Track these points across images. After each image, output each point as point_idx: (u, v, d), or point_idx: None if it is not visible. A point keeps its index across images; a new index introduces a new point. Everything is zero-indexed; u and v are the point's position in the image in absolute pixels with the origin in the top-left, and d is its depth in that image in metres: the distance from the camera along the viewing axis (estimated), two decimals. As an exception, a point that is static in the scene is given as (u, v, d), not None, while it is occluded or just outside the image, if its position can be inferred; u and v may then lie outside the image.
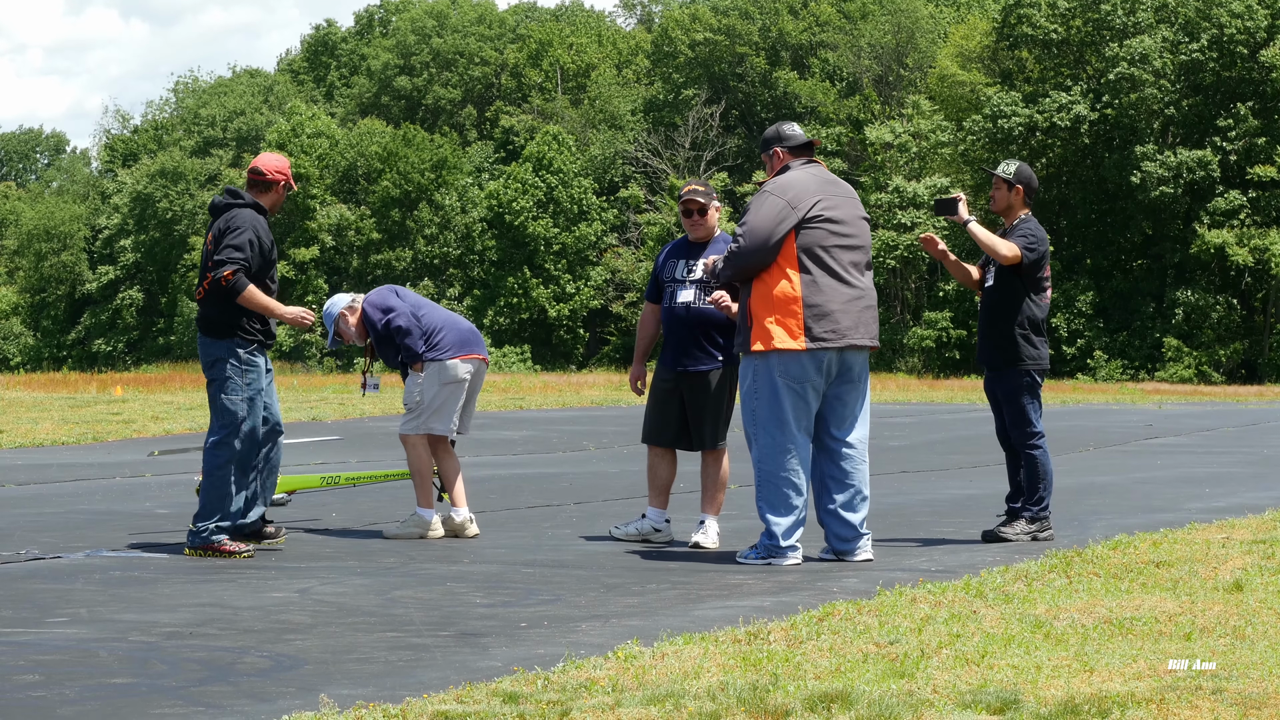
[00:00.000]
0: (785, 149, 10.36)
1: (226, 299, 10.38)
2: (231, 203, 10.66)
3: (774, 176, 10.30)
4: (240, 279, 10.33)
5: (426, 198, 78.47)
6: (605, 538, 11.49)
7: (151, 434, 24.07)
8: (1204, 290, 60.41)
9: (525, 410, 31.23)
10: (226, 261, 10.33)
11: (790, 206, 9.99)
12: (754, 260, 10.00)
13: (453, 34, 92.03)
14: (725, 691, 6.09)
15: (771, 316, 9.94)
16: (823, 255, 10.01)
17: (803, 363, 9.94)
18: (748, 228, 10.03)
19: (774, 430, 9.97)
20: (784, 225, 9.96)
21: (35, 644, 7.47)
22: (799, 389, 9.96)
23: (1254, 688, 6.15)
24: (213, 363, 10.41)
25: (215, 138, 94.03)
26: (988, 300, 11.17)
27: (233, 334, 10.39)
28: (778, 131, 10.44)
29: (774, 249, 9.96)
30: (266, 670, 6.86)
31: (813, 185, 10.11)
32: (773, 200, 10.06)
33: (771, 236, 9.96)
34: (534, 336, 75.98)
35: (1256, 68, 61.07)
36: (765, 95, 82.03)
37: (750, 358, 10.05)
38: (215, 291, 10.38)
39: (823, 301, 9.96)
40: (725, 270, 10.21)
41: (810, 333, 9.92)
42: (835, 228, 10.07)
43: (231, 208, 10.63)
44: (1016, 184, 11.12)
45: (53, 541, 11.21)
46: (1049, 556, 9.80)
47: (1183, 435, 23.74)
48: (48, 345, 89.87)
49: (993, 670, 6.51)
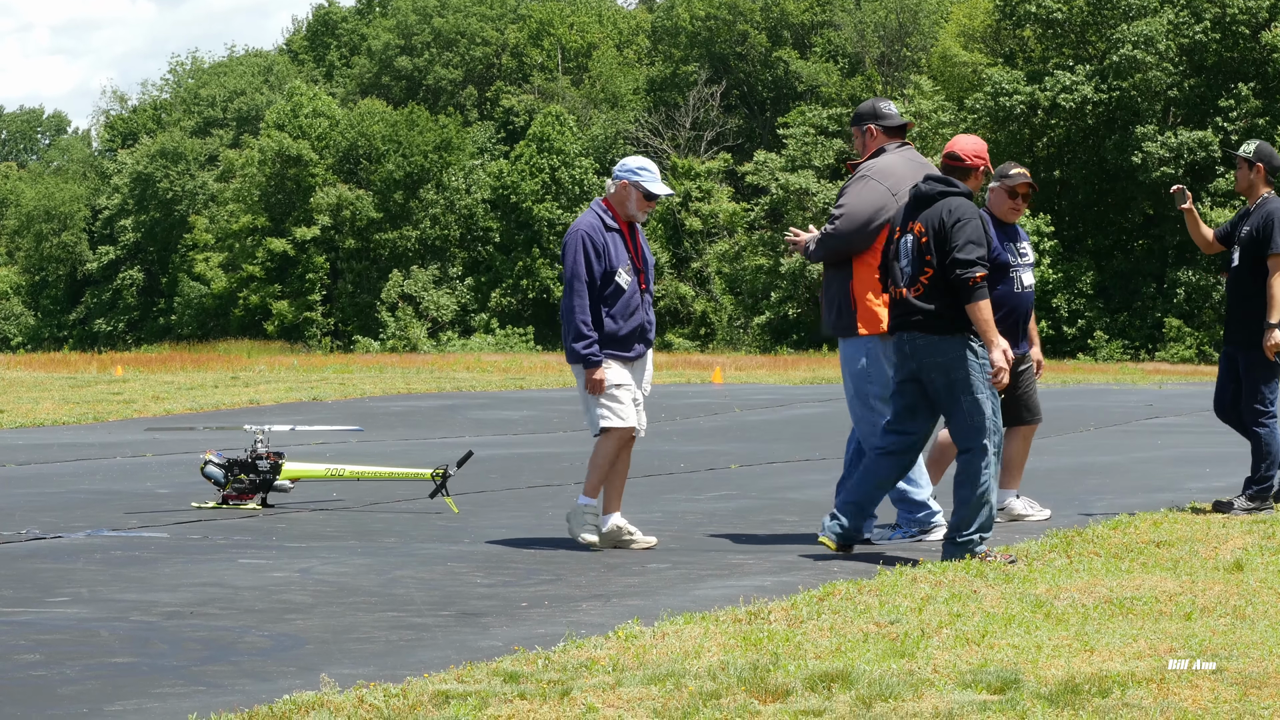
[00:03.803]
0: (880, 128, 10.25)
1: (958, 294, 9.17)
2: (948, 191, 9.33)
3: (869, 158, 10.20)
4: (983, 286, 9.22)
5: (431, 179, 78.39)
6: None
7: (152, 414, 24.07)
8: (1205, 270, 60.32)
9: (526, 390, 31.23)
10: (976, 263, 9.08)
11: (891, 194, 9.94)
12: (850, 244, 9.96)
13: (454, 14, 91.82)
14: (726, 671, 6.09)
15: (878, 299, 9.92)
16: None
17: None
18: (846, 211, 9.96)
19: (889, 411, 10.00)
20: (884, 213, 9.91)
21: (36, 623, 7.47)
22: None
23: (1254, 667, 6.15)
24: (948, 364, 9.20)
25: (215, 118, 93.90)
26: (1234, 279, 11.32)
27: (966, 329, 9.18)
28: (874, 109, 10.32)
29: (872, 234, 9.92)
30: (267, 650, 6.86)
31: (914, 173, 10.05)
32: (874, 186, 9.99)
33: (870, 222, 9.91)
34: (536, 317, 75.97)
35: (1258, 48, 60.97)
36: (766, 75, 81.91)
37: (860, 340, 10.01)
38: (950, 287, 9.15)
39: None
40: (818, 251, 10.13)
41: None
42: None
43: (948, 196, 9.32)
44: (1256, 162, 11.27)
45: (53, 521, 11.21)
46: (1049, 536, 9.80)
47: (1183, 415, 23.74)
48: (48, 325, 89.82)
49: (993, 650, 6.52)
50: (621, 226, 9.87)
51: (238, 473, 11.91)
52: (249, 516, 11.54)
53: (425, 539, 10.37)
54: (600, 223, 9.83)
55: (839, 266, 10.11)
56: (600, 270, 9.75)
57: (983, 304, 9.01)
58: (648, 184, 9.84)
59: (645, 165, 9.89)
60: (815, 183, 67.62)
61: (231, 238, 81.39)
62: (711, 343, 70.24)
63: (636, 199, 9.84)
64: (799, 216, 67.78)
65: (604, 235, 9.80)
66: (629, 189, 9.85)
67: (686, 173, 74.78)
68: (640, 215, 9.89)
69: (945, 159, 9.45)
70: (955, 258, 9.04)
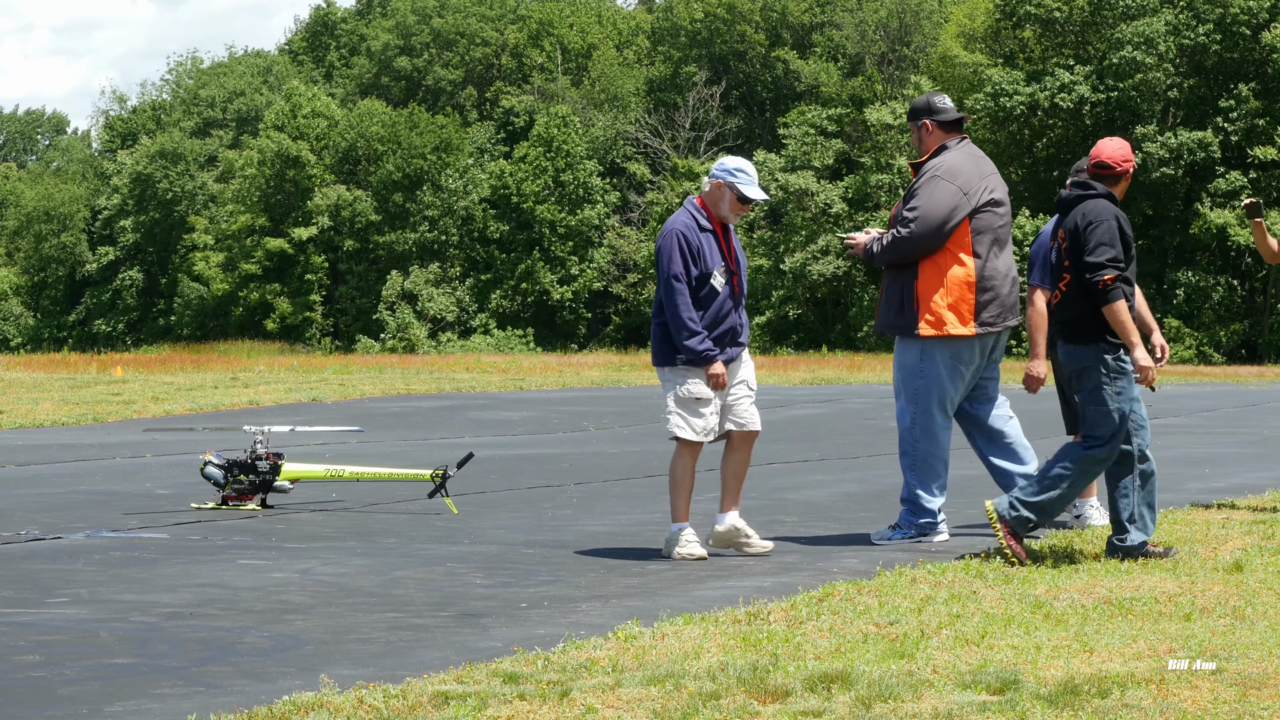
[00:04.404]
0: (937, 123, 10.18)
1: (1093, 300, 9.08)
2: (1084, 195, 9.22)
3: (931, 155, 10.14)
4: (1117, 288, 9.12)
5: (429, 179, 78.38)
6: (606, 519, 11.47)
7: (151, 414, 24.07)
8: (1204, 271, 60.35)
9: (526, 390, 31.23)
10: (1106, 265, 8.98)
11: (963, 193, 9.93)
12: (923, 247, 9.93)
13: (453, 14, 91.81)
14: (725, 672, 6.09)
15: (945, 300, 9.92)
16: (992, 239, 10.01)
17: (973, 347, 10.00)
18: (920, 214, 9.91)
19: (936, 411, 10.01)
20: (958, 213, 9.90)
21: (36, 624, 7.47)
22: (964, 372, 10.03)
23: (1254, 668, 6.15)
24: (1081, 372, 9.17)
25: (215, 118, 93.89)
26: None
27: (1100, 338, 9.06)
28: (929, 103, 10.24)
29: (944, 235, 9.91)
30: (267, 650, 6.86)
31: (978, 168, 10.05)
32: (945, 186, 9.96)
33: (945, 223, 9.90)
34: (536, 318, 75.94)
35: (1258, 49, 60.99)
36: (766, 75, 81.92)
37: (919, 340, 9.99)
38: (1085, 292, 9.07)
39: (995, 285, 9.98)
40: (887, 255, 10.05)
41: (980, 318, 9.94)
42: (1000, 210, 10.09)
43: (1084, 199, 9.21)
44: None
45: (53, 522, 11.21)
46: (1049, 537, 9.81)
47: (1183, 416, 23.74)
48: (48, 326, 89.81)
49: (993, 650, 6.52)
50: (715, 227, 9.56)
51: (237, 473, 11.91)
52: (249, 517, 11.54)
53: (425, 540, 10.37)
54: (694, 222, 9.53)
55: (903, 266, 10.06)
56: (695, 272, 9.44)
57: (1116, 305, 8.93)
58: (743, 187, 9.57)
59: (743, 167, 9.62)
60: (815, 183, 67.63)
61: (231, 238, 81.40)
62: (711, 343, 70.13)
63: (730, 200, 9.56)
64: (799, 217, 67.81)
65: (698, 235, 9.50)
66: (723, 189, 9.58)
67: (686, 173, 74.78)
68: (733, 217, 9.60)
69: (1094, 167, 9.23)
70: (1085, 260, 9.00)
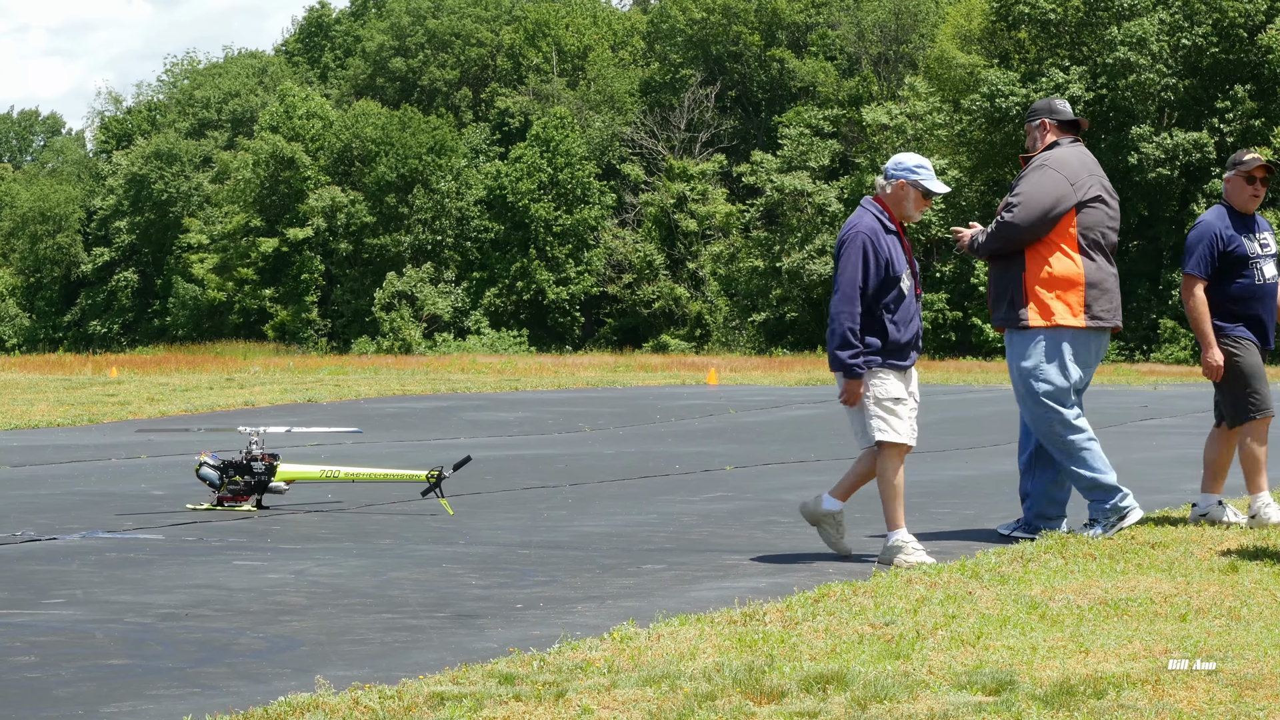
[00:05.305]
0: (1054, 122, 10.26)
1: None
2: None
3: (1043, 150, 10.19)
4: None
5: (422, 181, 78.36)
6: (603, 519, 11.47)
7: (147, 415, 24.05)
8: (1200, 272, 60.43)
9: (521, 391, 31.22)
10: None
11: (1069, 183, 9.95)
12: (1027, 234, 9.92)
13: (448, 15, 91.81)
14: (721, 672, 6.09)
15: (1051, 292, 9.92)
16: (1100, 237, 10.02)
17: (1087, 340, 10.02)
18: (1024, 200, 9.93)
19: (1066, 403, 9.98)
20: (1063, 203, 9.92)
21: (31, 625, 7.46)
22: (1079, 364, 10.02)
23: (1249, 669, 6.15)
24: None
25: (210, 119, 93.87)
26: None
27: None
28: (1049, 105, 10.34)
29: (1049, 224, 9.91)
30: (262, 651, 6.86)
31: (1086, 165, 10.06)
32: (1053, 175, 9.99)
33: (1049, 211, 9.90)
34: (530, 319, 75.94)
35: (1254, 50, 61.04)
36: (761, 75, 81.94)
37: (1033, 331, 9.98)
38: None
39: (1102, 281, 9.99)
40: (992, 242, 10.06)
41: (1090, 311, 9.95)
42: (1109, 209, 10.10)
43: None
44: None
45: (48, 523, 11.20)
46: (1044, 537, 9.81)
47: (1178, 416, 23.75)
48: (43, 327, 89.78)
49: (988, 651, 6.52)
50: (898, 228, 9.40)
51: (233, 474, 11.90)
52: (244, 518, 11.53)
53: (420, 541, 10.36)
54: (880, 225, 9.31)
55: (1010, 258, 10.05)
56: (883, 275, 9.21)
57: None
58: (927, 182, 9.39)
59: (922, 163, 9.46)
60: (811, 184, 67.63)
61: (226, 239, 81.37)
62: (707, 344, 70.26)
63: (915, 198, 9.39)
64: (795, 217, 67.81)
65: (884, 239, 9.28)
66: (907, 189, 9.38)
67: (681, 174, 74.77)
68: (917, 215, 9.45)
69: None
70: None
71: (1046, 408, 9.97)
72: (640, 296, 74.23)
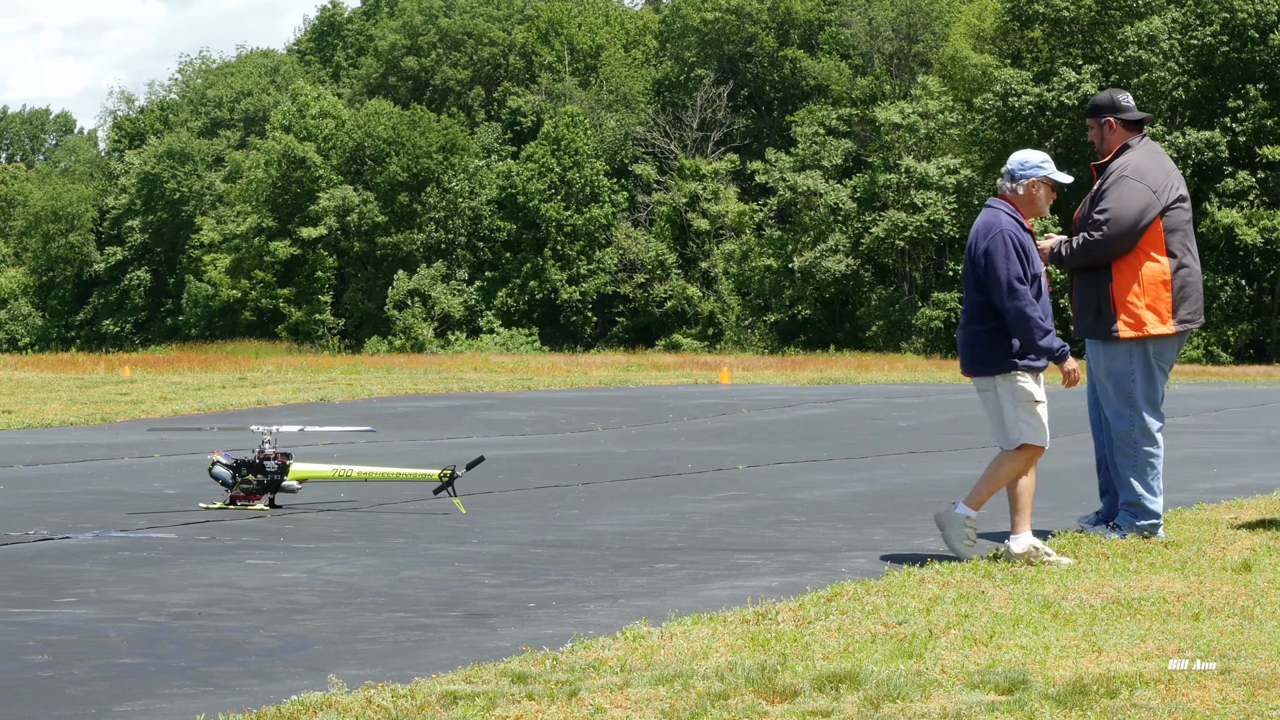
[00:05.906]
0: (1120, 121, 10.13)
1: None
2: None
3: (1115, 155, 10.09)
4: None
5: (435, 180, 78.38)
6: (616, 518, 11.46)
7: (159, 414, 24.09)
8: (1212, 270, 60.28)
9: (533, 390, 31.23)
10: None
11: (1152, 191, 9.89)
12: (1115, 249, 9.87)
13: (460, 14, 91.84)
14: (734, 672, 6.09)
15: (1141, 300, 9.88)
16: (1183, 237, 9.99)
17: (1174, 346, 10.01)
18: (1111, 215, 9.85)
19: (1151, 413, 9.95)
20: (1149, 213, 9.86)
21: (44, 624, 7.48)
22: (1165, 370, 10.01)
23: (1262, 668, 6.14)
24: None
25: (222, 118, 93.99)
26: None
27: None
28: (1112, 101, 10.18)
29: (1137, 235, 9.86)
30: (275, 650, 6.86)
31: (1162, 165, 10.01)
32: (1135, 186, 9.91)
33: (1138, 224, 9.85)
34: (542, 318, 75.95)
35: (1266, 49, 60.94)
36: (774, 75, 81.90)
37: (1123, 343, 9.93)
38: None
39: (1189, 282, 9.96)
40: (1079, 257, 9.98)
41: (1177, 315, 9.92)
42: (1186, 206, 10.06)
43: None
44: None
45: (61, 522, 11.22)
46: (1057, 537, 9.79)
47: (1191, 415, 23.72)
48: (56, 326, 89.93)
49: (1001, 650, 6.51)
50: (1029, 228, 9.35)
51: (245, 473, 11.91)
52: (257, 517, 11.54)
53: (433, 540, 10.36)
54: (1018, 224, 9.25)
55: (1095, 269, 10.00)
56: (1029, 273, 9.16)
57: None
58: (1055, 175, 9.39)
59: (1045, 157, 9.42)
60: (824, 183, 67.59)
61: (238, 238, 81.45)
62: (719, 343, 70.25)
63: (1046, 193, 9.36)
64: (807, 216, 67.77)
65: (1023, 235, 9.25)
66: (1039, 185, 9.33)
67: (694, 173, 74.75)
68: (1046, 209, 9.43)
69: None
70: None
71: (1135, 412, 9.93)
72: (652, 296, 74.22)
